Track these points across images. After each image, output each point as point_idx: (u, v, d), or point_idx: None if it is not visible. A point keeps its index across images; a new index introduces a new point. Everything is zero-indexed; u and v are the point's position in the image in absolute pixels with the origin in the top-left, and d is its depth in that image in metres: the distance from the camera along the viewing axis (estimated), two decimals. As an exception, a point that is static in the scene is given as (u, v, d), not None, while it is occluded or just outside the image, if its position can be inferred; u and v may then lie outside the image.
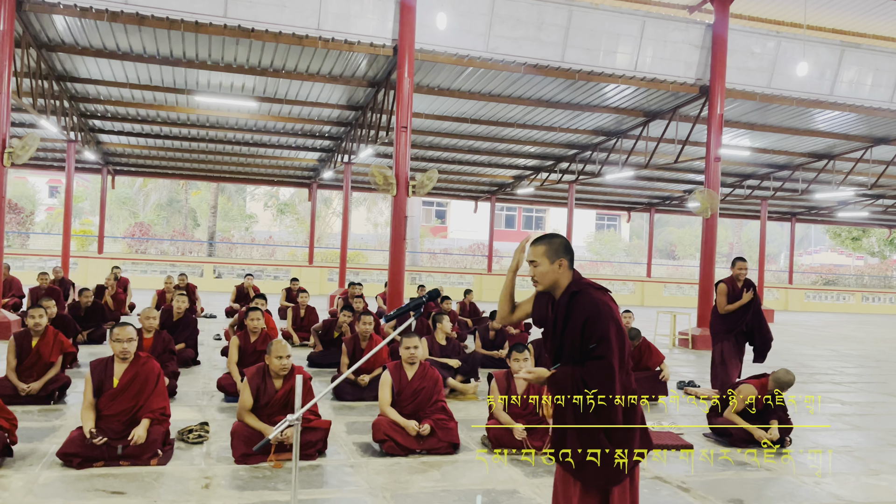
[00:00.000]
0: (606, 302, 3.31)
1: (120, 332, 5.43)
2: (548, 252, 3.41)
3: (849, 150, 19.34)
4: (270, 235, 41.64)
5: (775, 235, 48.63)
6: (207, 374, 9.07)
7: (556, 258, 3.40)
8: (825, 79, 14.67)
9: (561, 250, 3.42)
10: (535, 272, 3.43)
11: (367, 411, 7.28)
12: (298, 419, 3.06)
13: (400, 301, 12.44)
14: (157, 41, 12.59)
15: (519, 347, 6.25)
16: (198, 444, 5.85)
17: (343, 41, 12.04)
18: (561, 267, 3.40)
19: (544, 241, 3.45)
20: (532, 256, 3.43)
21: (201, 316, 15.53)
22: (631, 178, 22.57)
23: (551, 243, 3.43)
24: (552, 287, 3.43)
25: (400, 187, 11.93)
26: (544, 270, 3.41)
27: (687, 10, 14.44)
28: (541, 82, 14.15)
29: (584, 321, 3.25)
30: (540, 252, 3.42)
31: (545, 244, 3.43)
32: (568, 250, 3.44)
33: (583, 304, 3.29)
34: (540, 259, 3.41)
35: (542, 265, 3.41)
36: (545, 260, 3.41)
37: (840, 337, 19.22)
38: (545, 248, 3.42)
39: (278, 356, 5.66)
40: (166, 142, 21.18)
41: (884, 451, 6.68)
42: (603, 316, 3.23)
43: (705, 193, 13.79)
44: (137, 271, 26.51)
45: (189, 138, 20.51)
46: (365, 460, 5.62)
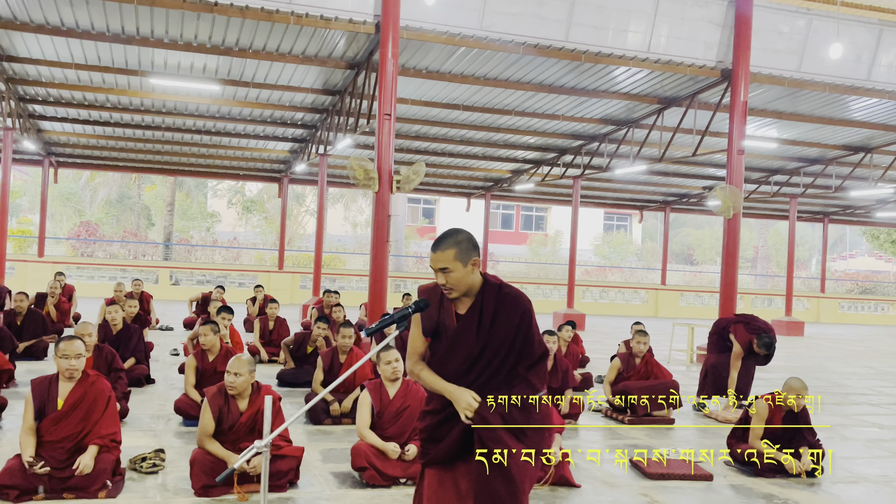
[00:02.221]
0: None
1: (67, 346, 5.41)
2: (459, 254, 3.35)
3: (888, 142, 19.49)
4: (235, 237, 41.53)
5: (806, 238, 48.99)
6: (163, 395, 9.05)
7: (469, 258, 3.37)
8: (862, 62, 14.78)
9: (471, 248, 3.39)
10: (448, 280, 3.36)
11: (344, 437, 7.29)
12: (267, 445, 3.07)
13: (382, 311, 12.45)
14: (106, 15, 12.55)
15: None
16: (152, 473, 5.84)
17: (318, 17, 12.04)
18: (475, 266, 3.39)
19: (450, 243, 3.37)
20: (442, 263, 3.35)
21: (156, 328, 15.49)
22: (643, 172, 22.65)
23: (459, 243, 3.37)
24: (467, 292, 3.42)
25: (382, 182, 11.94)
26: (459, 276, 3.37)
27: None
28: (542, 64, 14.20)
29: (521, 315, 3.37)
30: (450, 256, 3.34)
31: (453, 246, 3.36)
32: (476, 245, 3.42)
33: (514, 296, 3.40)
34: (452, 265, 3.34)
35: (455, 271, 3.35)
36: (458, 264, 3.35)
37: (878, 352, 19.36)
38: (455, 250, 3.35)
39: (227, 371, 5.67)
40: (117, 130, 21.10)
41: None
42: (531, 310, 3.43)
43: (727, 190, 13.87)
44: (83, 277, 26.39)
45: (143, 126, 20.45)
46: (343, 492, 5.63)
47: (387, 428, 6.01)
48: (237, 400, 5.72)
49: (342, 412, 7.91)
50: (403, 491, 5.65)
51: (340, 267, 34.41)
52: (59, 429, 5.32)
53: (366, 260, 20.54)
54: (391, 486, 5.71)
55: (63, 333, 12.29)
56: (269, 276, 26.79)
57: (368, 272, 12.71)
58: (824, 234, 32.10)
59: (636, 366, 9.09)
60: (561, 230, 45.16)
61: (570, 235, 22.85)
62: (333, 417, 7.91)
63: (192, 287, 25.30)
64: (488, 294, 3.39)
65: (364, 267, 31.07)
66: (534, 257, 43.42)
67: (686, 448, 7.57)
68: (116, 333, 9.70)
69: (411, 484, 5.74)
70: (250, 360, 5.76)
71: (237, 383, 5.64)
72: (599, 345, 16.27)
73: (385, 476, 5.72)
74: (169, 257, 34.28)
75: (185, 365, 8.29)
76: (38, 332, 11.57)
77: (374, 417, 6.03)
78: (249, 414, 5.69)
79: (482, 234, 29.63)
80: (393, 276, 28.46)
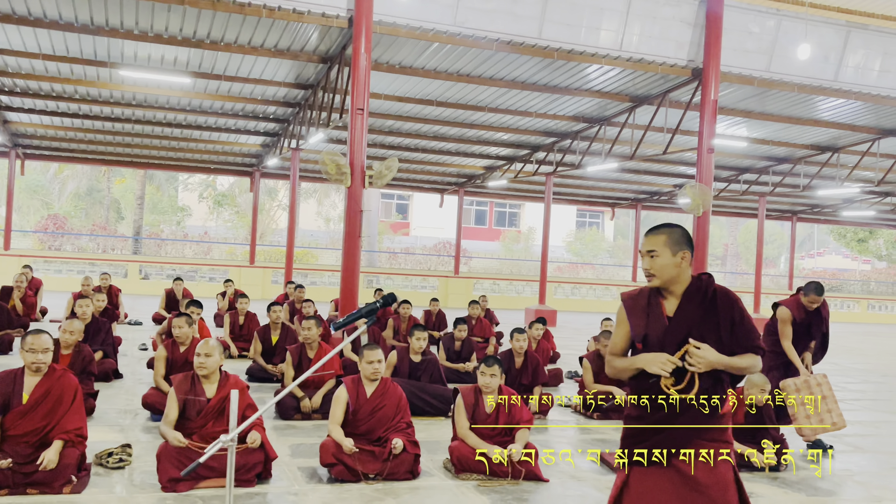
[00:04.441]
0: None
1: (34, 340, 5.36)
2: (669, 241, 3.46)
3: (854, 142, 19.79)
4: (206, 231, 41.21)
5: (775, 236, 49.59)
6: (131, 390, 8.98)
7: (679, 250, 3.46)
8: (829, 63, 14.99)
9: (683, 241, 3.48)
10: (651, 264, 3.47)
11: (314, 432, 7.28)
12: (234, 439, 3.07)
13: (354, 307, 12.43)
14: (74, 5, 12.39)
15: (489, 361, 6.32)
16: (118, 468, 5.80)
17: (291, 10, 11.98)
18: (683, 260, 3.47)
19: (664, 230, 3.51)
20: (650, 245, 3.47)
21: (124, 323, 15.34)
22: (615, 170, 22.81)
23: (672, 232, 3.49)
24: (668, 282, 3.48)
25: (355, 177, 11.91)
26: (664, 262, 3.46)
27: (678, -16, 14.66)
28: (515, 61, 14.24)
29: (732, 310, 3.46)
30: (660, 241, 3.46)
31: (665, 233, 3.49)
32: (689, 241, 3.51)
33: (724, 294, 3.50)
34: (660, 249, 3.45)
35: (661, 256, 3.45)
36: (666, 251, 3.46)
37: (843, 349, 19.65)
38: (666, 237, 3.47)
39: (196, 353, 5.70)
40: (86, 122, 20.84)
41: (888, 475, 6.88)
42: (741, 306, 3.54)
43: (697, 188, 14.01)
44: (51, 271, 26.05)
45: (112, 118, 20.20)
46: (311, 487, 5.63)
47: (359, 426, 6.00)
48: (205, 385, 5.72)
49: (312, 408, 7.90)
50: (373, 486, 5.66)
51: (313, 262, 34.28)
52: (24, 423, 5.27)
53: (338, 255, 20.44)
54: (359, 482, 5.71)
55: (29, 327, 12.14)
56: (241, 271, 26.62)
57: (341, 267, 12.68)
58: (792, 232, 32.54)
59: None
60: (534, 227, 45.31)
61: (543, 232, 22.94)
62: (303, 413, 7.89)
63: (163, 282, 25.10)
64: (697, 294, 3.47)
65: (336, 262, 30.97)
66: (507, 254, 43.54)
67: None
68: (85, 327, 9.59)
69: (381, 479, 5.75)
70: (219, 344, 5.79)
71: (208, 363, 5.68)
72: (571, 341, 16.37)
73: (353, 472, 5.72)
74: (138, 251, 33.95)
75: (153, 358, 8.23)
76: (4, 325, 11.43)
77: (349, 415, 6.01)
78: (218, 398, 5.68)
79: (455, 230, 29.70)
80: (365, 271, 28.43)
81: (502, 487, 5.78)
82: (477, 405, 6.25)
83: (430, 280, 30.31)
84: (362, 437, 5.93)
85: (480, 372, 6.28)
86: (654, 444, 3.44)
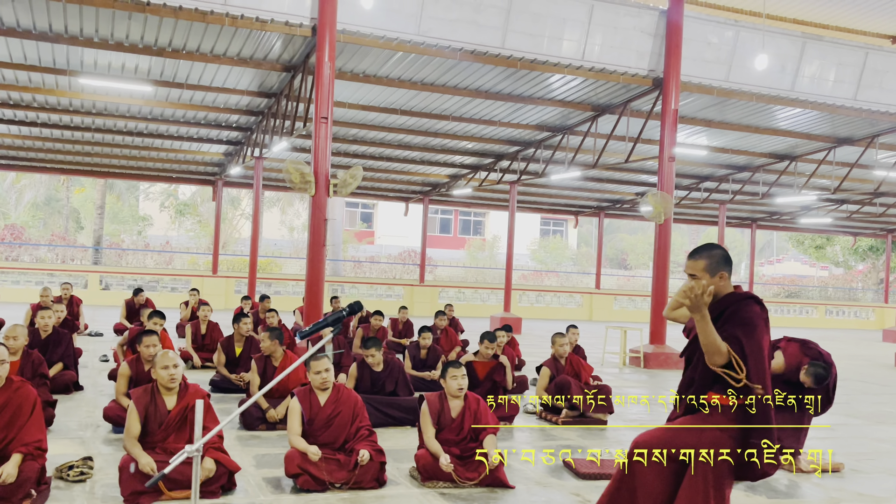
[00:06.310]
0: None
1: (-11, 352, 5.27)
2: (709, 266, 3.81)
3: (811, 150, 20.21)
4: (168, 240, 40.73)
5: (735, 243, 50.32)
6: (92, 402, 8.84)
7: (718, 271, 3.81)
8: (786, 73, 15.31)
9: (722, 263, 3.83)
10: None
11: (278, 442, 7.23)
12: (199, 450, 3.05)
13: (318, 316, 12.38)
14: (32, 12, 12.21)
15: (455, 364, 6.34)
16: (79, 482, 5.71)
17: (254, 19, 11.94)
18: (722, 279, 3.82)
19: (704, 255, 3.84)
20: (691, 270, 3.82)
21: (85, 334, 15.11)
22: (578, 178, 23.01)
23: (711, 256, 3.83)
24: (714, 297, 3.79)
25: (319, 186, 11.89)
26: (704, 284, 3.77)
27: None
28: (478, 70, 14.33)
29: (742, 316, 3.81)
30: (700, 267, 3.81)
31: (705, 257, 3.83)
32: (728, 262, 3.85)
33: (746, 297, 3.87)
34: (700, 273, 3.79)
35: (702, 279, 3.77)
36: (706, 275, 3.79)
37: (802, 354, 19.98)
38: (705, 262, 3.81)
39: (164, 366, 5.64)
40: (44, 130, 20.52)
41: (846, 477, 7.00)
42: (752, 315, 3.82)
43: (658, 196, 14.20)
44: (8, 282, 25.60)
45: (72, 127, 19.93)
46: (276, 497, 5.59)
47: (318, 435, 5.97)
48: (165, 397, 5.67)
49: (278, 418, 7.83)
50: (338, 496, 5.64)
51: (276, 271, 34.06)
52: (-19, 437, 5.16)
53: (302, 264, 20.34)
54: (325, 492, 5.69)
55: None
56: (203, 281, 26.34)
57: (305, 277, 12.63)
58: (752, 239, 33.08)
59: (564, 367, 9.23)
60: (498, 235, 45.51)
61: (507, 240, 23.06)
62: (268, 423, 7.83)
63: (124, 292, 24.74)
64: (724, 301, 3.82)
65: (301, 271, 30.77)
66: (472, 262, 43.65)
67: (619, 448, 7.71)
68: (45, 338, 9.43)
69: (347, 488, 5.73)
70: (176, 354, 5.78)
71: (178, 374, 5.68)
72: (535, 348, 16.44)
73: (319, 481, 5.70)
74: (99, 261, 33.42)
75: (117, 372, 8.02)
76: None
77: (305, 425, 5.98)
78: (178, 409, 5.63)
79: (420, 238, 29.72)
80: (330, 280, 28.28)
81: (468, 493, 5.80)
82: (442, 411, 6.26)
83: (396, 289, 30.28)
84: (326, 447, 5.90)
85: (451, 377, 6.25)
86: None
